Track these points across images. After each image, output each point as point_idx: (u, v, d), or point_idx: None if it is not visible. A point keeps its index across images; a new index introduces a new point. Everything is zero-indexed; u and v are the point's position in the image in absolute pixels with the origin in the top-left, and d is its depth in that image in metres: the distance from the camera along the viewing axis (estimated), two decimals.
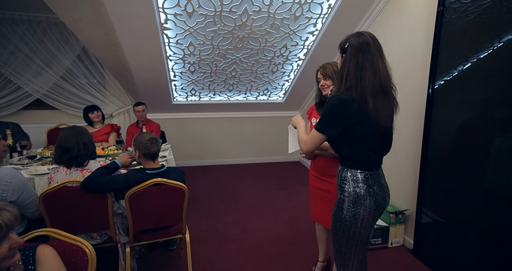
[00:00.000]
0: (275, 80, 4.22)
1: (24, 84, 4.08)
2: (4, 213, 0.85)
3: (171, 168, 2.03)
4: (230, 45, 3.36)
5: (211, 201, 3.49)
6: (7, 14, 3.85)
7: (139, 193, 1.79)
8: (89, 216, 1.84)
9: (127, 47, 3.09)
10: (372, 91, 1.29)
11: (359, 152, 1.35)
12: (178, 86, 4.08)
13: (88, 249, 1.17)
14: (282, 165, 5.03)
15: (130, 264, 1.93)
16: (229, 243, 2.62)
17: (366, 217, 1.36)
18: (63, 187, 1.72)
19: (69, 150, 1.80)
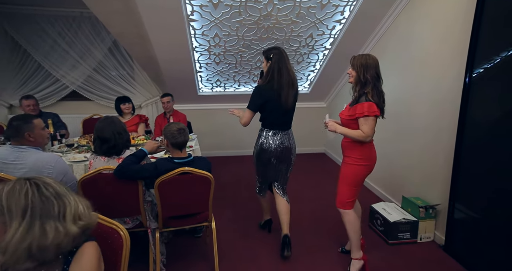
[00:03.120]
0: (300, 71, 4.16)
1: (61, 76, 4.32)
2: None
3: (198, 158, 2.09)
4: (255, 36, 3.34)
5: (235, 190, 3.56)
6: (46, 11, 4.07)
7: (168, 181, 1.86)
8: (122, 202, 1.95)
9: (154, 39, 3.17)
10: (287, 84, 2.22)
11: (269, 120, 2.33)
12: (204, 77, 4.14)
13: (122, 232, 1.24)
14: (306, 156, 4.99)
15: (160, 249, 2.03)
16: (254, 232, 2.67)
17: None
18: (99, 173, 1.83)
19: (107, 140, 1.90)
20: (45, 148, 2.61)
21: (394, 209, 2.68)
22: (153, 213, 2.09)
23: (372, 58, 1.92)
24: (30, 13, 4.08)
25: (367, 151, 2.01)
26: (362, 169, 2.03)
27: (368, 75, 1.88)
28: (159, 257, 2.01)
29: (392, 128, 3.14)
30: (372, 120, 1.88)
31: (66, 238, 0.91)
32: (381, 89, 1.94)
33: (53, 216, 0.90)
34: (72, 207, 0.95)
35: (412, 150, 2.87)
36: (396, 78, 3.10)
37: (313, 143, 5.12)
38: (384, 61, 3.32)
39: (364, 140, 1.91)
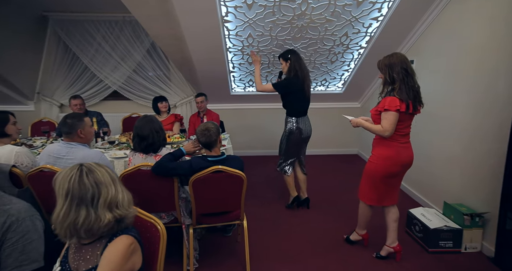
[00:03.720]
0: (334, 70, 4.07)
1: (104, 77, 4.60)
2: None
3: (231, 156, 2.12)
4: (289, 36, 3.32)
5: (267, 190, 3.57)
6: (92, 16, 4.36)
7: (202, 179, 1.91)
8: (158, 198, 2.03)
9: (190, 41, 3.26)
10: (307, 75, 2.80)
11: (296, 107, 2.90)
12: (237, 77, 4.19)
13: (159, 226, 1.30)
14: (339, 157, 4.87)
15: (193, 244, 2.09)
16: (285, 233, 2.66)
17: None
18: (138, 169, 1.92)
19: (145, 137, 2.00)
20: (90, 144, 2.80)
21: (434, 215, 2.53)
22: (187, 209, 2.16)
23: (396, 57, 1.97)
24: (79, 19, 4.40)
25: (388, 150, 2.03)
26: (377, 167, 2.07)
27: (394, 73, 1.94)
28: (192, 252, 2.07)
29: (433, 130, 2.97)
30: (391, 115, 1.91)
31: (96, 224, 1.00)
32: (412, 84, 1.95)
33: (86, 201, 1.00)
34: (110, 195, 1.03)
35: (455, 152, 2.68)
36: (437, 78, 2.92)
37: (346, 144, 4.99)
38: (425, 60, 3.15)
39: (383, 134, 1.96)
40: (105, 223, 1.01)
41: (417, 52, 3.28)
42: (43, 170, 1.86)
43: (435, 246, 2.35)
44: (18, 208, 1.17)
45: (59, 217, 0.98)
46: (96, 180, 1.03)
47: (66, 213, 0.98)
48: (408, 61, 1.96)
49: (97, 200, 1.01)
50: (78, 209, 0.99)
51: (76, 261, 1.06)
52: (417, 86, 1.98)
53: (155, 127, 2.03)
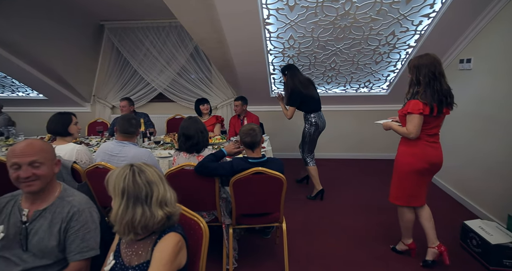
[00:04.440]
0: (378, 71, 3.90)
1: (151, 80, 4.88)
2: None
3: (271, 159, 2.12)
4: (331, 36, 3.25)
5: (305, 193, 3.52)
6: (142, 23, 4.66)
7: (242, 180, 1.94)
8: (200, 197, 2.10)
9: (232, 44, 3.34)
10: (307, 82, 3.22)
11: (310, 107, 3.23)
12: (277, 79, 4.20)
13: (202, 224, 1.34)
14: (381, 162, 4.65)
15: (233, 244, 2.12)
16: (324, 236, 2.60)
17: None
18: (182, 169, 2.01)
19: (191, 137, 2.08)
20: (138, 143, 2.99)
21: (496, 229, 2.30)
22: (227, 209, 2.20)
23: (426, 58, 1.95)
24: (130, 27, 4.72)
25: (413, 147, 2.05)
26: (403, 164, 2.10)
27: (420, 76, 1.95)
28: (232, 252, 2.11)
29: (492, 134, 2.71)
30: (415, 118, 1.94)
31: (151, 220, 1.06)
32: (438, 88, 1.93)
33: (141, 200, 1.06)
34: (160, 194, 1.10)
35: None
36: (496, 78, 2.66)
37: (390, 149, 4.74)
38: (483, 59, 2.89)
39: (407, 136, 2.01)
40: (159, 219, 1.07)
41: (475, 51, 3.02)
42: (98, 166, 2.02)
43: (498, 265, 2.13)
44: (79, 200, 1.29)
45: (118, 215, 1.04)
46: (148, 179, 1.09)
47: (123, 211, 1.04)
48: (439, 64, 1.95)
49: (150, 198, 1.08)
50: (135, 207, 1.05)
51: (128, 256, 1.13)
52: (446, 89, 1.96)
53: (200, 128, 2.11)
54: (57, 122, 2.25)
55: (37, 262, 1.20)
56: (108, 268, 1.14)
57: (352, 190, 3.63)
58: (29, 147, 1.23)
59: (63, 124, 2.25)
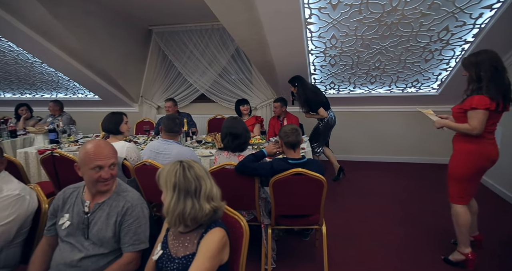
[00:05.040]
0: (428, 70, 3.66)
1: (194, 82, 5.07)
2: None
3: (311, 160, 2.09)
4: (376, 34, 3.12)
5: (344, 196, 3.41)
6: (186, 27, 4.87)
7: (282, 180, 1.93)
8: (240, 196, 2.13)
9: (273, 44, 3.35)
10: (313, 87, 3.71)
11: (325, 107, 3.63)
12: (318, 79, 4.13)
13: (243, 223, 1.36)
14: (427, 166, 4.36)
15: (271, 244, 2.12)
16: (364, 242, 2.50)
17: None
18: (222, 168, 2.05)
19: (239, 136, 2.13)
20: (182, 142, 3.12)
21: None
22: (267, 209, 2.21)
23: (485, 54, 1.92)
24: (175, 30, 4.96)
25: (474, 145, 1.99)
26: (466, 163, 2.02)
27: (481, 72, 1.90)
28: (270, 252, 2.11)
29: None
30: (480, 114, 1.88)
31: (200, 213, 1.13)
32: (501, 82, 1.89)
33: (191, 193, 1.13)
34: (207, 188, 1.16)
35: None
36: None
37: (441, 152, 4.42)
38: None
39: (471, 132, 1.94)
40: (206, 212, 1.13)
41: None
42: (145, 163, 2.14)
43: None
44: (132, 196, 1.38)
45: (170, 207, 1.12)
46: (196, 174, 1.16)
47: (175, 204, 1.12)
48: (499, 59, 1.92)
49: (199, 192, 1.14)
50: (185, 200, 1.12)
51: (175, 247, 1.20)
52: (508, 84, 1.93)
53: (245, 127, 2.16)
54: (110, 122, 2.44)
55: (96, 250, 1.31)
56: (156, 257, 1.21)
57: (395, 194, 3.44)
58: (108, 149, 1.36)
59: (115, 124, 2.43)
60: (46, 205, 1.55)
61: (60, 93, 5.56)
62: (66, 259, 1.29)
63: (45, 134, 3.72)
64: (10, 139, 3.67)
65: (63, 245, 1.34)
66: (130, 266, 1.33)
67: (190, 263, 1.13)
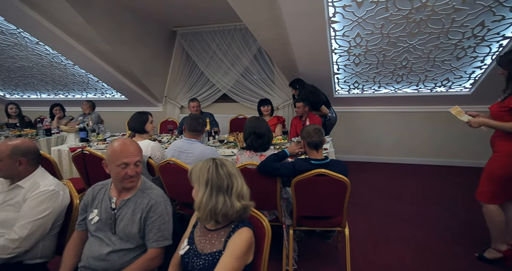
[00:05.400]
0: (460, 68, 3.48)
1: (216, 82, 5.13)
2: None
3: (334, 161, 2.05)
4: (403, 32, 3.01)
5: (369, 199, 3.33)
6: (209, 27, 4.94)
7: (304, 181, 1.91)
8: (261, 196, 2.11)
9: (296, 44, 3.32)
10: (311, 88, 3.83)
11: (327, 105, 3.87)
12: (341, 79, 4.05)
13: (265, 223, 1.35)
14: (458, 169, 4.16)
15: (292, 245, 2.10)
16: (389, 245, 2.42)
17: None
18: (245, 167, 2.06)
19: (262, 135, 2.14)
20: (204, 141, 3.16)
21: None
22: (288, 210, 2.19)
23: None
24: (199, 31, 5.04)
25: None
26: (509, 164, 1.96)
27: None
28: (292, 253, 2.09)
29: None
30: None
31: (231, 210, 1.15)
32: None
33: (223, 190, 1.16)
34: (238, 186, 1.19)
35: None
36: None
37: (467, 155, 4.21)
38: None
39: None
40: (237, 210, 1.15)
41: None
42: (169, 162, 2.18)
43: None
44: (156, 193, 1.42)
45: (202, 203, 1.15)
46: (229, 172, 1.18)
47: (207, 200, 1.14)
48: None
49: (231, 189, 1.17)
50: (217, 196, 1.15)
51: (201, 243, 1.22)
52: None
53: (268, 127, 2.16)
54: (136, 121, 2.51)
55: (123, 245, 1.36)
56: (183, 252, 1.24)
57: (421, 197, 3.32)
58: (134, 148, 1.41)
59: (141, 123, 2.50)
60: (78, 201, 1.62)
61: (89, 94, 5.81)
62: (95, 253, 1.35)
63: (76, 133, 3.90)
64: (46, 137, 3.88)
65: (93, 239, 1.40)
66: (155, 262, 1.37)
67: (217, 260, 1.14)
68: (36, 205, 1.45)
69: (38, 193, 1.47)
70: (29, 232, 1.41)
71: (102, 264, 1.33)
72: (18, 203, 1.48)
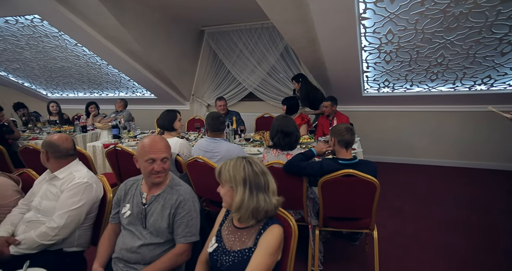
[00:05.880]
0: (505, 65, 3.25)
1: (243, 80, 5.17)
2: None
3: (363, 161, 1.99)
4: (440, 27, 2.86)
5: (400, 202, 3.20)
6: (236, 26, 4.97)
7: (331, 181, 1.87)
8: (287, 195, 2.07)
9: (324, 42, 3.26)
10: (315, 89, 4.10)
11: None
12: (370, 77, 3.92)
13: (292, 222, 1.34)
14: (499, 173, 3.88)
15: (318, 246, 2.07)
16: (420, 252, 2.31)
17: None
18: (271, 166, 2.05)
19: (290, 134, 2.12)
20: (231, 139, 3.19)
21: None
22: (314, 210, 2.16)
23: None
24: (226, 30, 5.09)
25: None
26: None
27: None
28: (317, 254, 2.06)
29: None
30: None
31: (270, 207, 1.16)
32: None
33: (261, 188, 1.16)
34: (272, 183, 1.19)
35: None
36: None
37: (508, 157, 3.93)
38: None
39: None
40: (275, 206, 1.16)
41: None
42: (197, 160, 2.22)
43: None
44: (185, 190, 1.45)
45: (244, 203, 1.14)
46: (262, 169, 1.19)
47: (248, 199, 1.14)
48: None
49: (268, 187, 1.17)
50: (258, 194, 1.15)
51: (230, 241, 1.22)
52: None
53: (295, 126, 2.14)
54: (165, 119, 2.58)
55: (153, 239, 1.40)
56: (211, 250, 1.25)
57: (457, 202, 3.13)
58: (162, 144, 1.44)
59: (170, 121, 2.57)
60: (111, 195, 1.70)
61: (121, 92, 6.07)
62: (127, 245, 1.40)
63: (109, 129, 4.09)
64: (82, 133, 4.10)
65: (125, 232, 1.45)
66: (183, 257, 1.40)
67: (247, 256, 1.15)
68: (71, 196, 1.54)
69: (73, 185, 1.56)
70: (66, 221, 1.50)
71: (134, 256, 1.38)
72: (56, 193, 1.59)
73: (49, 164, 1.65)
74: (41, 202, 1.58)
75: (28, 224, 1.57)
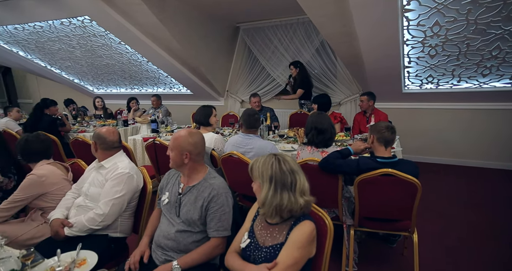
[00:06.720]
0: None
1: (277, 77, 5.13)
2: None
3: (404, 160, 1.90)
4: (497, 16, 2.62)
5: (442, 204, 3.02)
6: (271, 22, 4.94)
7: (368, 180, 1.81)
8: (322, 193, 2.05)
9: (363, 36, 3.13)
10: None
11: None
12: (412, 73, 3.71)
13: (327, 221, 1.31)
14: None
15: (353, 246, 2.02)
16: (462, 257, 2.16)
17: None
18: (305, 163, 2.03)
19: (324, 131, 2.09)
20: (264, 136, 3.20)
21: None
22: (350, 209, 2.11)
23: None
24: (261, 26, 5.08)
25: None
26: None
27: None
28: (352, 254, 2.01)
29: None
30: None
31: (295, 206, 1.15)
32: None
33: (287, 186, 1.16)
34: (301, 182, 1.17)
35: None
36: None
37: None
38: None
39: None
40: (301, 206, 1.15)
41: None
42: (232, 155, 2.26)
43: None
44: (219, 184, 1.48)
45: (267, 199, 1.15)
46: (291, 168, 1.17)
47: (272, 196, 1.15)
48: None
49: (294, 186, 1.16)
50: (282, 192, 1.15)
51: (263, 237, 1.24)
52: None
53: (331, 123, 2.09)
54: (201, 114, 2.64)
55: (185, 228, 1.46)
56: (244, 245, 1.27)
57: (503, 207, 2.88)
58: (175, 141, 1.49)
59: (205, 116, 2.63)
60: (151, 186, 1.79)
61: (159, 88, 6.32)
62: (164, 231, 1.47)
63: (148, 124, 4.28)
64: (123, 127, 4.34)
65: (163, 219, 1.53)
66: (217, 250, 1.43)
67: (278, 251, 1.16)
68: (114, 185, 1.66)
69: (116, 174, 1.67)
70: (110, 209, 1.62)
71: (170, 243, 1.44)
72: (102, 181, 1.72)
73: (97, 154, 1.79)
74: (89, 188, 1.73)
75: (78, 209, 1.72)
